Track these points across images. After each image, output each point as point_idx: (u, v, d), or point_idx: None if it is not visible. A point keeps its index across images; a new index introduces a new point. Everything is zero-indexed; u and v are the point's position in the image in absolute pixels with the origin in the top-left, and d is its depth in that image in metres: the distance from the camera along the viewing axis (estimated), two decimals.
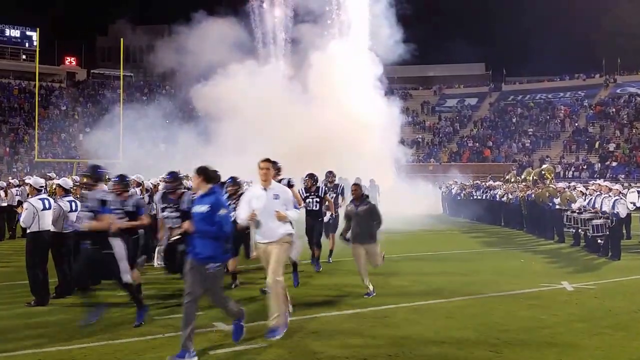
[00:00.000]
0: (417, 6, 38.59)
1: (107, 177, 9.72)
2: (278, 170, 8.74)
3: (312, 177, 10.76)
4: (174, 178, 8.20)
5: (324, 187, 11.17)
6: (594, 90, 52.68)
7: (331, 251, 12.10)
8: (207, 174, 6.11)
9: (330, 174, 12.76)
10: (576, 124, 48.26)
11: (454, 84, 62.33)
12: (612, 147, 42.94)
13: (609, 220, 13.06)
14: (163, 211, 8.20)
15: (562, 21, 68.20)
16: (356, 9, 36.58)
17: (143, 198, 11.19)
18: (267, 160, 6.61)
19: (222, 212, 5.88)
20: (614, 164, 40.41)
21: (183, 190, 8.18)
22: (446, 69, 65.50)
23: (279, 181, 8.50)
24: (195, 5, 37.49)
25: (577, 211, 14.38)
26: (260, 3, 38.24)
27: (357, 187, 8.92)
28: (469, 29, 68.55)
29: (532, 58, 71.22)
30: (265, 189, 6.59)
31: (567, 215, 14.89)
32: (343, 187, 12.97)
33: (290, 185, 8.95)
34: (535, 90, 56.87)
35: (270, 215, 6.49)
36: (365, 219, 8.67)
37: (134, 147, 32.57)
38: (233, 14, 36.37)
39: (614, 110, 47.71)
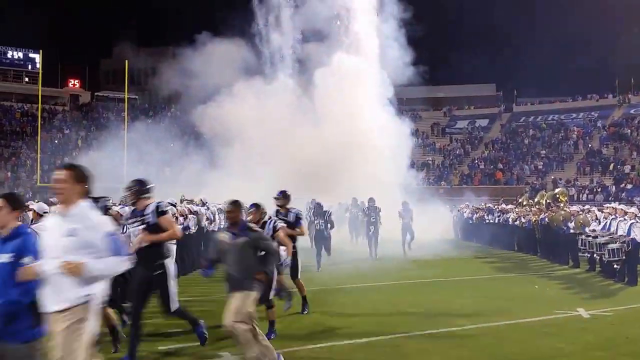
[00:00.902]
0: (426, 27, 38.75)
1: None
2: (142, 192, 6.68)
3: (258, 208, 8.02)
4: None
5: (272, 221, 8.25)
6: (607, 111, 52.30)
7: (304, 298, 9.42)
8: (15, 202, 4.34)
9: (282, 196, 9.51)
10: (589, 146, 47.87)
11: (464, 105, 62.20)
12: (627, 169, 42.48)
13: (625, 245, 12.80)
14: None
15: (574, 40, 68.14)
16: (365, 29, 36.77)
17: None
18: (66, 166, 4.23)
19: (28, 260, 4.04)
20: (629, 186, 39.91)
21: None
22: (456, 90, 65.41)
23: (144, 208, 6.56)
24: (199, 27, 37.71)
25: (592, 235, 14.13)
26: (265, 22, 38.44)
27: (233, 207, 6.26)
28: (479, 50, 68.74)
29: (543, 78, 71.04)
30: (62, 216, 4.12)
31: (582, 239, 14.64)
32: (298, 215, 9.61)
33: (161, 212, 6.54)
34: (547, 111, 56.54)
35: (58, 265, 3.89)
36: (242, 257, 6.03)
37: (138, 171, 32.38)
38: (238, 34, 36.59)
39: (628, 131, 47.32)
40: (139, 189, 6.64)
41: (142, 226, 6.49)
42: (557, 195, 18.93)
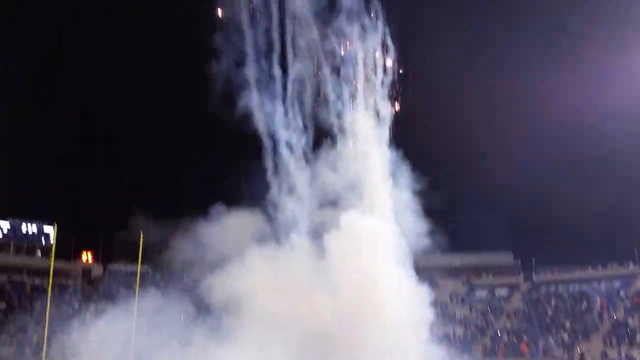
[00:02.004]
0: (441, 195, 39.80)
1: None
2: None
3: None
4: None
5: None
6: (629, 279, 51.34)
7: None
8: None
9: None
10: (614, 316, 46.38)
11: (483, 273, 61.50)
12: None
13: None
14: None
15: (590, 208, 68.50)
16: (379, 198, 37.70)
17: None
18: None
19: None
20: None
21: None
22: (473, 258, 64.96)
23: None
24: (213, 199, 38.77)
25: None
26: (280, 191, 39.52)
27: None
28: (494, 217, 69.26)
29: (561, 245, 70.72)
30: None
31: None
32: None
33: None
34: (567, 280, 55.60)
35: None
36: None
37: (146, 345, 31.64)
38: (252, 203, 37.60)
39: None
40: None
41: None
42: None
